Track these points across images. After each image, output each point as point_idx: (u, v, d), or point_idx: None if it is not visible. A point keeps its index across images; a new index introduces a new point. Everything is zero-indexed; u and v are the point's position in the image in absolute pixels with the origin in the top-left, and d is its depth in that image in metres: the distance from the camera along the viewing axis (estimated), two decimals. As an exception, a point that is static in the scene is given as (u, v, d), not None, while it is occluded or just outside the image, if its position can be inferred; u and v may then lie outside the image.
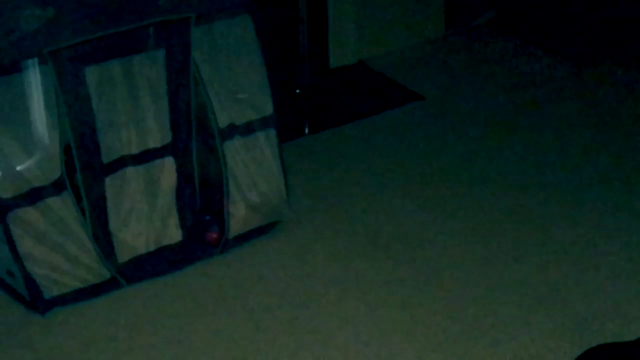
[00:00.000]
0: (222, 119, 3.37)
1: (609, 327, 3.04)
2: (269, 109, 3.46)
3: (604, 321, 3.10)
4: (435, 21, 5.11)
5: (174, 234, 3.42)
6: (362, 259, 3.45)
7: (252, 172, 3.47)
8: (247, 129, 3.43)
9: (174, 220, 3.42)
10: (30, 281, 3.13)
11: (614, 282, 3.33)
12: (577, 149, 4.16)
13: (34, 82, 3.02)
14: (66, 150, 3.13)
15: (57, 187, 3.11)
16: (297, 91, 4.38)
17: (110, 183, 3.25)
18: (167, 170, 3.37)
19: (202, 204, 3.48)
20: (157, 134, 3.32)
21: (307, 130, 4.28)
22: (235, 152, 3.42)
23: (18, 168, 3.03)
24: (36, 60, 2.99)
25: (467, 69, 4.81)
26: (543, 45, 4.97)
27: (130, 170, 3.29)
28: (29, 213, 3.08)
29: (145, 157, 3.31)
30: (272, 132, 3.49)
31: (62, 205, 3.13)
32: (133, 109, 3.25)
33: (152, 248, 3.38)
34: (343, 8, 4.81)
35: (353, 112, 4.41)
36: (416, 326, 3.14)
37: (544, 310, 3.19)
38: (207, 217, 3.48)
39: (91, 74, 3.11)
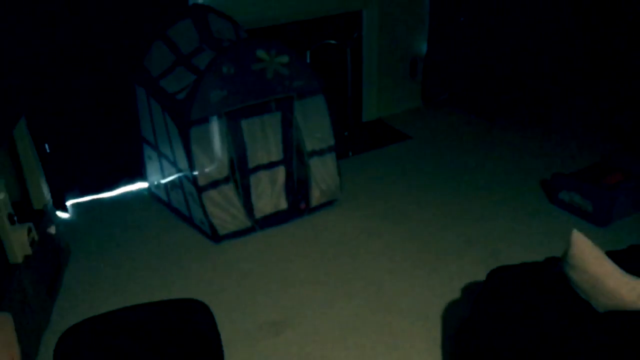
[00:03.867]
0: (308, 147, 3.41)
1: (511, 260, 2.97)
2: (332, 142, 3.48)
3: (509, 254, 3.10)
4: (417, 97, 5.04)
5: (283, 204, 3.49)
6: (379, 221, 3.48)
7: (323, 174, 3.50)
8: (321, 152, 3.47)
9: (283, 198, 3.48)
10: (212, 226, 3.25)
11: (516, 231, 3.32)
12: (494, 171, 4.01)
13: (216, 127, 3.11)
14: (231, 161, 3.23)
15: (226, 180, 3.21)
16: (345, 134, 4.40)
17: (252, 178, 3.35)
18: (280, 172, 3.44)
19: (297, 190, 3.52)
20: (275, 154, 3.39)
21: (350, 154, 4.30)
22: (314, 164, 3.46)
23: (207, 170, 3.15)
24: (216, 116, 3.09)
25: (434, 124, 4.73)
26: (472, 111, 4.88)
27: (262, 172, 3.38)
28: (212, 193, 3.19)
29: (270, 165, 3.39)
30: (333, 154, 3.51)
31: (228, 189, 3.23)
32: (264, 142, 3.33)
33: (272, 211, 3.46)
34: (370, 90, 4.76)
35: (374, 145, 4.41)
36: (405, 247, 3.19)
37: (472, 246, 3.22)
38: (300, 196, 3.52)
39: (244, 124, 3.23)
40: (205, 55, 3.30)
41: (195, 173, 3.13)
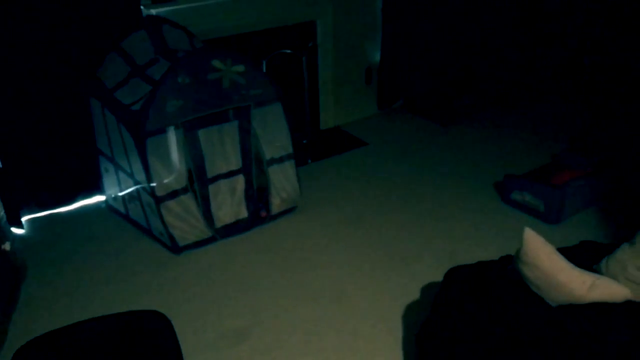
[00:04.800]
0: (267, 155, 3.40)
1: (467, 259, 2.98)
2: (290, 150, 3.47)
3: (465, 253, 3.15)
4: (373, 104, 5.06)
5: (243, 213, 3.45)
6: (338, 225, 3.49)
7: (282, 182, 3.49)
8: (280, 160, 3.46)
9: (243, 206, 3.44)
10: (171, 237, 3.21)
11: (469, 233, 3.39)
12: (448, 174, 4.05)
13: (172, 138, 3.07)
14: (189, 172, 3.18)
15: (184, 190, 3.17)
16: (304, 141, 4.41)
17: (211, 188, 3.30)
18: (239, 181, 3.39)
19: (257, 198, 3.50)
20: (234, 163, 3.34)
21: (309, 161, 4.30)
22: (274, 172, 3.45)
23: (165, 181, 3.10)
24: (173, 127, 3.05)
25: (390, 130, 4.76)
26: (426, 116, 4.94)
27: (221, 181, 3.33)
28: (171, 203, 3.15)
29: (229, 174, 3.34)
30: (292, 162, 3.51)
31: (187, 199, 3.19)
32: (222, 151, 3.29)
33: (233, 220, 3.41)
34: (327, 98, 4.77)
35: (332, 152, 4.42)
36: (365, 251, 3.20)
37: (430, 248, 3.25)
38: (261, 205, 3.50)
39: (201, 134, 3.17)
40: (160, 66, 3.25)
41: (153, 184, 3.08)
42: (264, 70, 3.96)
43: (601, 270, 2.13)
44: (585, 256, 2.23)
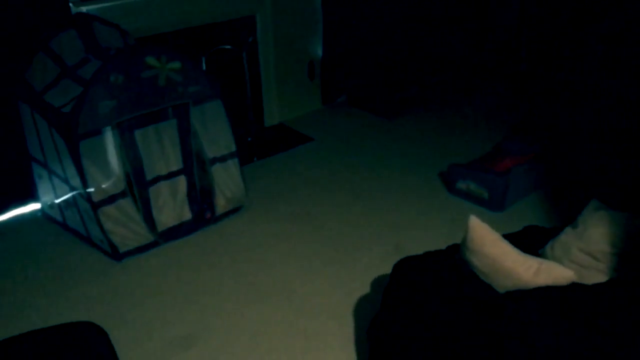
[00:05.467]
0: (209, 154, 3.33)
1: (416, 251, 3.04)
2: (233, 148, 3.42)
3: (413, 245, 3.12)
4: (317, 99, 5.03)
5: (187, 215, 3.37)
6: (287, 224, 3.44)
7: (227, 181, 3.44)
8: (223, 159, 3.40)
9: (186, 208, 3.37)
10: (111, 244, 3.09)
11: (418, 227, 3.40)
12: (394, 166, 4.05)
13: (109, 139, 2.97)
14: (127, 175, 3.09)
15: (123, 194, 3.07)
16: (249, 139, 4.36)
17: (151, 190, 3.22)
18: (181, 182, 3.33)
19: (201, 199, 3.43)
20: (175, 163, 3.27)
21: (255, 159, 4.24)
22: (217, 171, 3.38)
23: (103, 186, 3.00)
24: (109, 127, 2.95)
25: (335, 125, 4.74)
26: (370, 109, 4.93)
27: (162, 183, 3.25)
28: (109, 208, 3.04)
29: (170, 175, 3.27)
30: (236, 160, 3.45)
31: (126, 204, 3.09)
32: (161, 151, 3.21)
33: (176, 223, 3.33)
34: (270, 94, 4.70)
35: (277, 148, 4.36)
36: (313, 248, 3.17)
37: (378, 241, 3.23)
38: (205, 206, 3.43)
39: (138, 134, 3.10)
40: (91, 66, 3.12)
41: (89, 189, 2.96)
42: (204, 67, 3.87)
43: (546, 254, 2.15)
44: (530, 241, 2.24)
